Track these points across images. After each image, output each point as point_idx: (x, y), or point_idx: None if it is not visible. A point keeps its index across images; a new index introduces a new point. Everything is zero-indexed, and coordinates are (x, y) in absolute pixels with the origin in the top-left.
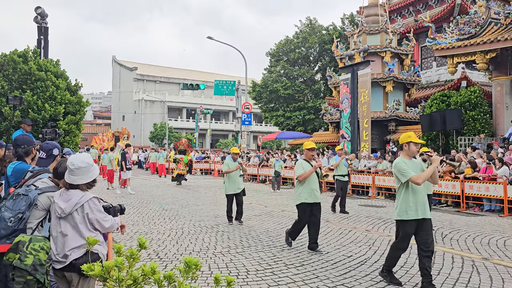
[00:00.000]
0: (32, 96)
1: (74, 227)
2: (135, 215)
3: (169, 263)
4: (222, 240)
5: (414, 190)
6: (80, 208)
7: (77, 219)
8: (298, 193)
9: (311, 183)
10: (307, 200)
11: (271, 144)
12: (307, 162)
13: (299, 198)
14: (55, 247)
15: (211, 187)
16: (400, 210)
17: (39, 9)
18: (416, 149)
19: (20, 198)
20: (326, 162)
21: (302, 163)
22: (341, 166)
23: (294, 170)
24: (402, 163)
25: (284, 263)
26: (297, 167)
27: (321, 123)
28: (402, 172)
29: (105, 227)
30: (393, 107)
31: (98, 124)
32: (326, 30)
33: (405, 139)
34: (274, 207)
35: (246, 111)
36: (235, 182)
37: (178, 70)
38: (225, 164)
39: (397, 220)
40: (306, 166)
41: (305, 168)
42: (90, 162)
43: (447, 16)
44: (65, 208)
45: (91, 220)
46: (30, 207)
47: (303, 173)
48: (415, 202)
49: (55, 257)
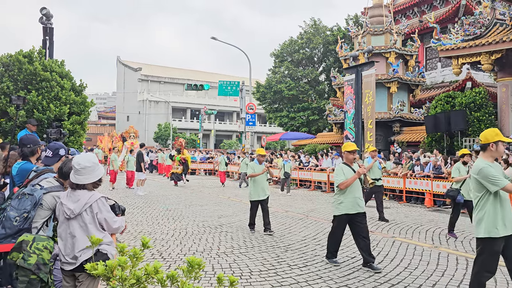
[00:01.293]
0: (37, 96)
1: (83, 227)
2: (139, 215)
3: (173, 263)
4: (226, 241)
5: (502, 201)
6: (89, 208)
7: (87, 219)
8: (339, 202)
9: (354, 191)
10: (350, 211)
11: (275, 144)
12: (348, 167)
13: (339, 209)
14: (64, 249)
15: (214, 188)
16: (488, 226)
17: (44, 10)
18: (504, 149)
19: (25, 198)
20: (330, 163)
21: (343, 168)
22: (374, 169)
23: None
24: (489, 167)
25: (288, 264)
26: (337, 173)
27: (325, 123)
28: (492, 180)
29: (113, 228)
30: (398, 108)
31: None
32: (330, 30)
33: (493, 137)
34: (278, 207)
35: (250, 111)
36: (261, 187)
37: (182, 71)
38: (250, 167)
39: (482, 238)
40: (347, 171)
41: (346, 174)
42: (96, 161)
43: (452, 17)
44: (74, 209)
45: (100, 220)
46: (35, 206)
47: (345, 181)
48: (503, 215)
49: (64, 258)
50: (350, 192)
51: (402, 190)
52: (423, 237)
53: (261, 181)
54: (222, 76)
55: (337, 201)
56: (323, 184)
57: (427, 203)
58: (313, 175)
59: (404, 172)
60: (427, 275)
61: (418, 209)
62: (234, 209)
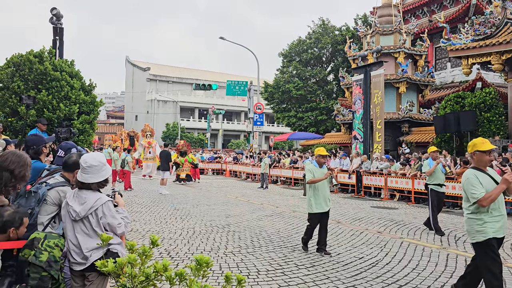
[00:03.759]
0: (47, 95)
1: (90, 229)
2: (147, 214)
3: (180, 262)
4: (233, 240)
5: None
6: (94, 212)
7: (93, 222)
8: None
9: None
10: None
11: (283, 144)
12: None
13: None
14: (73, 249)
15: (222, 187)
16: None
17: (54, 10)
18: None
19: (31, 196)
20: (338, 164)
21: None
22: (437, 173)
23: None
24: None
25: (295, 264)
26: (306, 171)
27: (333, 124)
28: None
29: (117, 233)
30: (407, 108)
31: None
32: (339, 30)
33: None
34: (285, 207)
35: (258, 111)
36: (323, 196)
37: (191, 71)
38: (308, 171)
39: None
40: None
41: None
42: (103, 161)
43: (462, 17)
44: (80, 211)
45: (104, 224)
46: (39, 202)
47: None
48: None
49: (73, 259)
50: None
51: (411, 191)
52: (432, 238)
53: (324, 188)
54: (230, 76)
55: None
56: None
57: None
58: None
59: (412, 172)
60: (436, 276)
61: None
62: (241, 209)
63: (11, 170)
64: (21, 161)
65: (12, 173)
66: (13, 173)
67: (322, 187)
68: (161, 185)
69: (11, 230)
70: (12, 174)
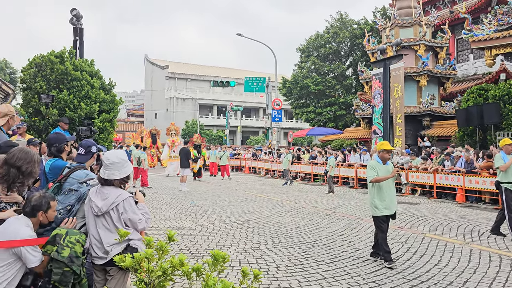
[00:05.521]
0: (68, 95)
1: (111, 224)
2: (167, 211)
3: (200, 257)
4: (253, 236)
5: None
6: (115, 208)
7: (114, 218)
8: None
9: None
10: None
11: (302, 140)
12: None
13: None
14: (94, 243)
15: (241, 184)
16: None
17: (74, 11)
18: None
19: (71, 193)
20: (358, 159)
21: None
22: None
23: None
24: None
25: (315, 260)
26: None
27: (352, 118)
28: None
29: (138, 229)
30: (427, 101)
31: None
32: (357, 24)
33: None
34: (304, 203)
35: (276, 107)
36: (390, 197)
37: (209, 68)
38: (371, 168)
39: None
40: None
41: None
42: (125, 158)
43: (484, 7)
44: (101, 207)
45: (125, 220)
46: (79, 200)
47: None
48: None
49: (94, 253)
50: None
51: (433, 186)
52: (454, 234)
53: (389, 188)
54: (247, 72)
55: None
56: (351, 180)
57: (459, 199)
58: (340, 170)
59: (434, 167)
60: (458, 272)
61: (449, 205)
62: (260, 205)
63: (18, 166)
64: (28, 157)
65: (19, 170)
66: (20, 170)
67: (387, 186)
68: (181, 182)
69: (40, 213)
70: (20, 171)
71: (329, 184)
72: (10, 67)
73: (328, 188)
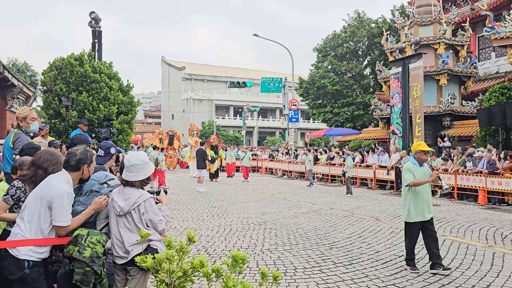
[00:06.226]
0: (87, 97)
1: (132, 224)
2: (185, 212)
3: (218, 258)
4: (270, 238)
5: None
6: (137, 208)
7: (135, 218)
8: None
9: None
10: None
11: (319, 141)
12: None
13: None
14: (116, 243)
15: (258, 185)
16: None
17: (93, 14)
18: None
19: (93, 195)
20: (376, 160)
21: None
22: None
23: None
24: None
25: (333, 262)
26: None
27: (370, 119)
28: None
29: (158, 229)
30: (448, 101)
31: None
32: (375, 23)
33: None
34: (322, 204)
35: (293, 108)
36: (426, 202)
37: (225, 69)
38: (407, 171)
39: None
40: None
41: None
42: (145, 160)
43: (506, 3)
44: (123, 207)
45: (146, 220)
46: None
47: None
48: None
49: (116, 252)
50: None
51: (453, 187)
52: (476, 236)
53: (425, 192)
54: (264, 73)
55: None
56: (369, 181)
57: (481, 201)
58: (358, 171)
59: (455, 168)
60: (480, 275)
61: (471, 207)
62: (278, 206)
63: (45, 168)
64: (54, 159)
65: (46, 171)
66: (47, 171)
67: (424, 190)
68: (198, 183)
69: (85, 166)
70: (46, 172)
71: (347, 185)
72: (30, 70)
73: (346, 189)
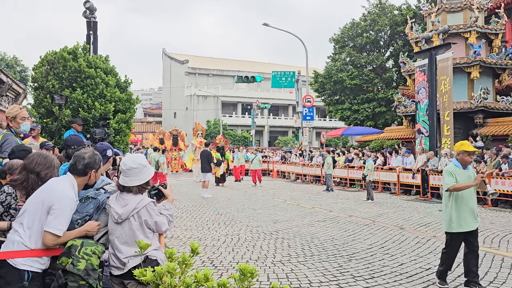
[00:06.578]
0: (82, 94)
1: (130, 232)
2: (188, 220)
3: (225, 271)
4: (282, 248)
5: None
6: (137, 214)
7: (134, 225)
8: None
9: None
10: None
11: (336, 141)
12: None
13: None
14: (113, 252)
15: (269, 189)
16: None
17: (87, 3)
18: None
19: (89, 201)
20: (400, 162)
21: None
22: None
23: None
24: None
25: (352, 275)
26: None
27: (393, 116)
28: None
29: (162, 230)
30: (480, 96)
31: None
32: (398, 10)
33: None
34: (339, 211)
35: (307, 104)
36: (470, 209)
37: (232, 62)
38: (448, 174)
39: None
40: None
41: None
42: (143, 163)
43: None
44: (122, 213)
45: (150, 224)
46: (98, 209)
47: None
48: None
49: (113, 262)
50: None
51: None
52: None
53: (470, 197)
54: (275, 66)
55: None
56: (392, 186)
57: None
58: (380, 175)
59: (489, 171)
60: None
61: (507, 214)
62: (291, 213)
63: (38, 172)
64: (47, 162)
65: (38, 175)
66: (39, 175)
67: (468, 196)
68: (203, 188)
69: (92, 172)
70: (39, 176)
71: (368, 190)
72: (20, 65)
73: (367, 195)
